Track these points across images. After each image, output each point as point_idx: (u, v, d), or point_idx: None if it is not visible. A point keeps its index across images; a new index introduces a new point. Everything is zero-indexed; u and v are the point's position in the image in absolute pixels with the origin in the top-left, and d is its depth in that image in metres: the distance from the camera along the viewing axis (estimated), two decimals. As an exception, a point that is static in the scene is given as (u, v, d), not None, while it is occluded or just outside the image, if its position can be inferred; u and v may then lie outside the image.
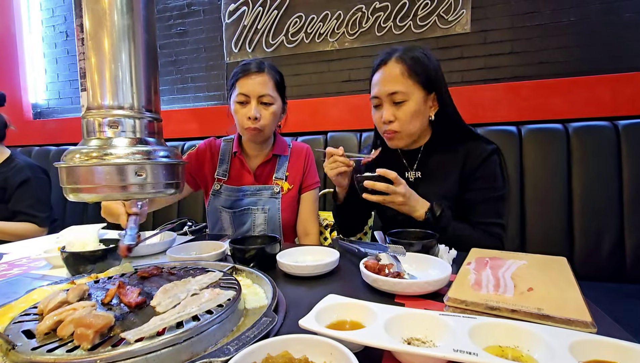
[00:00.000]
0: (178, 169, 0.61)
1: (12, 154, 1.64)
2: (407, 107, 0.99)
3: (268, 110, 1.18)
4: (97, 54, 0.52)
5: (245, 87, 1.16)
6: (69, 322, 0.44)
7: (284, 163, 1.31)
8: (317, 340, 0.40)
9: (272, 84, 1.17)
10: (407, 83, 0.98)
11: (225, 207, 1.28)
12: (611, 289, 1.31)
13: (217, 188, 1.30)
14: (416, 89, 0.99)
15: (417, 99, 0.99)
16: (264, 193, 1.27)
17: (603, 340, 0.40)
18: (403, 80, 0.98)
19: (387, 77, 0.99)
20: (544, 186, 1.49)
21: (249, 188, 1.28)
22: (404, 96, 0.98)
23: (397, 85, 0.98)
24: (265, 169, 1.31)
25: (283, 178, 1.29)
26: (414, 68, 0.98)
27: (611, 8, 1.65)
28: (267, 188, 1.27)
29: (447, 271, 0.64)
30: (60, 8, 2.74)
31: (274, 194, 1.27)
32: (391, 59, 1.00)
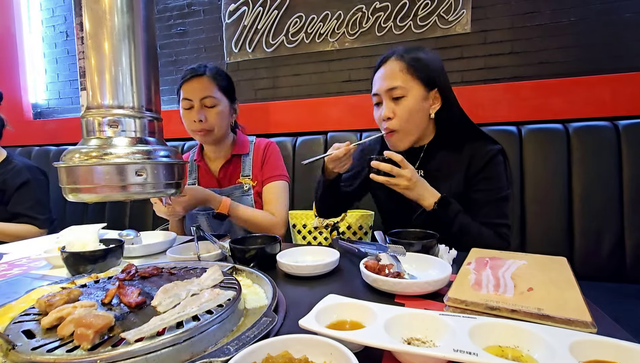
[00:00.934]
0: (178, 169, 0.61)
1: (8, 155, 1.63)
2: (405, 103, 0.99)
3: (212, 111, 1.19)
4: (96, 54, 0.52)
5: (187, 92, 1.19)
6: (69, 321, 0.44)
7: (247, 161, 1.32)
8: (317, 340, 0.40)
9: (214, 86, 1.19)
10: (406, 78, 0.98)
11: (200, 211, 1.28)
12: (611, 289, 1.30)
13: None
14: (415, 84, 0.99)
15: (416, 95, 0.99)
16: (235, 192, 1.28)
17: (603, 340, 0.40)
18: (402, 75, 0.99)
19: (386, 74, 1.00)
20: (544, 186, 1.49)
21: (219, 190, 1.28)
22: (403, 91, 0.98)
23: (395, 80, 0.99)
24: (227, 170, 1.32)
25: (249, 175, 1.30)
26: (413, 64, 0.99)
27: (611, 8, 1.65)
28: (236, 187, 1.29)
29: (447, 271, 0.64)
30: (60, 8, 2.74)
31: (245, 192, 1.28)
32: (391, 58, 1.01)
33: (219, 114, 1.20)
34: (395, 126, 1.00)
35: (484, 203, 0.99)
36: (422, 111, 1.01)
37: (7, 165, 1.59)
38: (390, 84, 0.99)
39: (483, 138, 1.05)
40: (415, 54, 1.00)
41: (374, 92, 1.04)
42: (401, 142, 1.03)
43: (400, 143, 1.03)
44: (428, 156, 1.08)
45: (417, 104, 0.99)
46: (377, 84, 1.03)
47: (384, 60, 1.03)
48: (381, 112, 1.01)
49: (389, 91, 0.99)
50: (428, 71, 1.00)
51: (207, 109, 1.19)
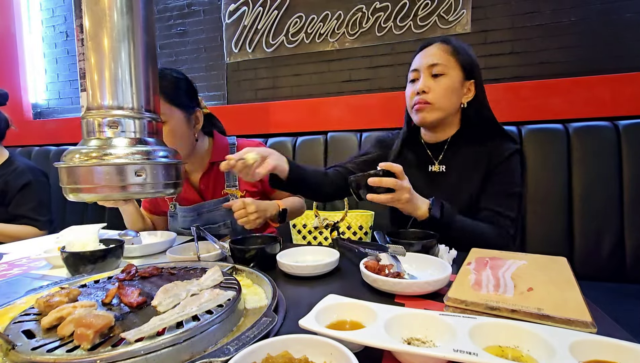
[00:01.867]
0: (177, 169, 0.61)
1: (11, 156, 1.63)
2: (444, 81, 0.99)
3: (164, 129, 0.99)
4: (96, 55, 0.52)
5: None
6: (69, 321, 0.44)
7: None
8: (317, 340, 0.40)
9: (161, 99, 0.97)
10: (449, 59, 0.99)
11: (185, 228, 1.19)
12: (611, 289, 1.30)
13: (172, 209, 1.21)
14: (456, 67, 1.00)
15: (454, 77, 1.00)
16: (220, 207, 1.17)
17: (603, 340, 0.40)
18: (445, 56, 1.00)
19: (430, 53, 1.01)
20: (544, 186, 1.49)
21: (203, 205, 1.18)
22: (444, 68, 0.99)
23: (438, 58, 0.99)
24: (209, 181, 1.18)
25: (235, 184, 1.18)
26: (457, 48, 1.01)
27: (612, 8, 1.65)
28: (222, 200, 1.17)
29: (447, 271, 0.64)
30: (61, 8, 2.74)
31: None
32: (436, 42, 1.03)
33: (169, 133, 1.01)
34: (430, 99, 0.99)
35: (493, 193, 0.98)
36: (456, 94, 1.01)
37: (9, 166, 1.60)
38: (431, 60, 0.99)
39: (504, 135, 1.05)
40: (460, 43, 1.03)
41: (412, 68, 1.04)
42: (430, 115, 1.00)
43: (429, 115, 1.00)
44: (451, 150, 1.06)
45: (454, 85, 0.99)
46: (417, 61, 1.03)
47: (429, 43, 1.04)
48: (416, 86, 1.00)
49: (430, 67, 0.99)
50: (470, 60, 1.02)
51: None
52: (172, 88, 1.02)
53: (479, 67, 1.04)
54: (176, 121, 1.03)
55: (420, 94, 1.00)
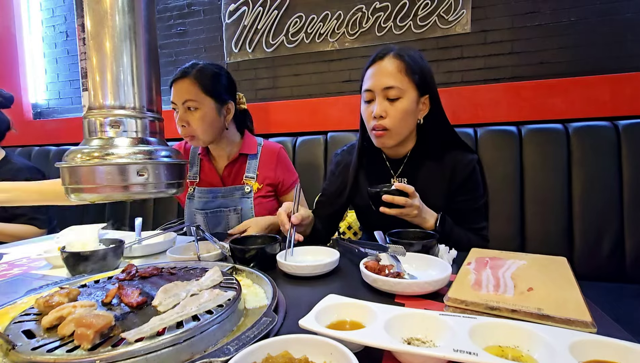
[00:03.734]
0: (180, 169, 0.61)
1: (7, 155, 1.63)
2: (400, 105, 0.96)
3: (194, 115, 1.14)
4: (98, 54, 0.52)
5: (173, 95, 1.16)
6: (69, 320, 0.44)
7: (254, 162, 1.29)
8: (317, 340, 0.41)
9: (197, 87, 1.13)
10: (404, 80, 0.96)
11: (198, 209, 1.28)
12: (611, 289, 1.31)
13: (191, 191, 1.30)
14: (411, 87, 0.97)
15: (410, 98, 0.97)
16: (235, 193, 1.26)
17: (603, 340, 0.40)
18: (400, 76, 0.96)
19: (384, 72, 0.97)
20: (544, 186, 1.49)
21: (219, 189, 1.27)
22: (399, 92, 0.96)
23: (393, 80, 0.95)
24: (232, 169, 1.29)
25: (254, 177, 1.27)
26: (411, 66, 0.97)
27: (611, 8, 1.65)
28: (237, 188, 1.26)
29: (447, 271, 0.64)
30: (61, 8, 2.74)
31: (245, 194, 1.26)
32: (388, 55, 0.98)
33: (201, 118, 1.14)
34: (388, 125, 0.97)
35: (467, 212, 1.02)
36: (413, 115, 1.00)
37: (6, 165, 1.59)
38: (387, 83, 0.95)
39: (462, 146, 1.06)
40: (413, 56, 0.99)
41: (366, 88, 0.99)
42: (389, 141, 1.00)
43: (388, 141, 1.00)
44: (411, 165, 1.07)
45: (410, 106, 0.97)
46: (371, 80, 0.98)
47: (380, 56, 0.99)
48: (373, 110, 0.98)
49: (385, 90, 0.96)
50: (423, 75, 0.99)
51: (189, 112, 1.15)
52: (209, 79, 1.15)
53: (432, 78, 1.02)
54: (207, 108, 1.15)
55: (378, 119, 0.97)
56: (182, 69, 1.16)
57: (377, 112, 0.96)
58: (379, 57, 0.99)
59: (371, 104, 1.00)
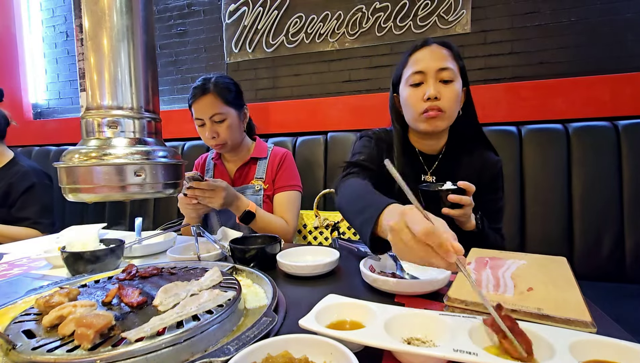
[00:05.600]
0: (177, 170, 0.61)
1: (15, 157, 1.63)
2: (453, 87, 0.93)
3: (222, 126, 1.25)
4: (96, 55, 0.52)
5: (197, 112, 1.25)
6: (69, 320, 0.44)
7: (263, 164, 1.38)
8: (317, 340, 0.40)
9: (219, 101, 1.23)
10: (455, 64, 0.95)
11: None
12: (611, 289, 1.30)
13: None
14: (459, 73, 0.96)
15: (460, 84, 0.96)
16: (245, 191, 1.33)
17: (603, 340, 0.40)
18: (451, 60, 0.95)
19: (435, 55, 0.95)
20: (544, 186, 1.49)
21: None
22: (452, 75, 0.93)
23: (447, 62, 0.93)
24: (243, 172, 1.38)
25: (262, 177, 1.35)
26: (457, 54, 0.97)
27: (611, 8, 1.65)
28: (248, 186, 1.34)
29: (447, 271, 0.64)
30: (61, 8, 2.74)
31: (255, 192, 1.33)
32: (433, 43, 0.97)
33: (229, 127, 1.26)
34: (444, 107, 0.93)
35: (491, 211, 1.00)
36: (460, 101, 0.97)
37: (13, 167, 1.60)
38: (442, 64, 0.93)
39: (490, 147, 1.06)
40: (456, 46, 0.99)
41: (417, 69, 0.95)
42: (442, 123, 0.96)
43: (441, 124, 0.96)
44: (445, 161, 1.04)
45: (459, 92, 0.95)
46: (422, 63, 0.94)
47: (425, 43, 0.97)
48: (428, 91, 0.92)
49: (439, 71, 0.93)
50: (464, 67, 0.99)
51: (217, 124, 1.25)
52: (228, 92, 1.26)
53: None
54: (232, 118, 1.27)
55: (432, 100, 0.93)
56: (199, 86, 1.24)
57: (432, 93, 0.92)
58: (424, 44, 0.98)
59: (420, 87, 0.95)
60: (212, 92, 1.23)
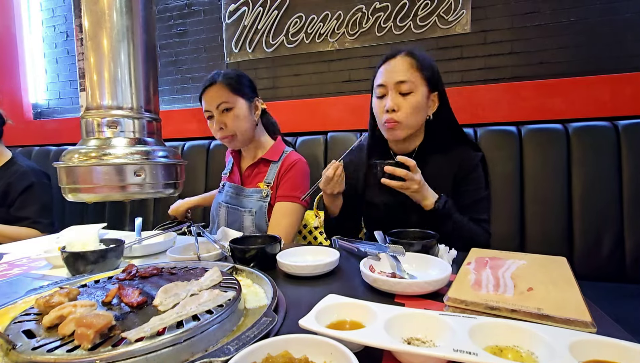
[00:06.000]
0: (177, 169, 0.61)
1: (13, 157, 1.63)
2: (412, 99, 1.00)
3: (229, 116, 1.21)
4: (96, 55, 0.52)
5: (205, 103, 1.22)
6: (70, 320, 0.44)
7: (274, 168, 1.29)
8: (317, 340, 0.40)
9: (227, 90, 1.20)
10: (415, 76, 1.01)
11: (223, 201, 1.32)
12: (611, 289, 1.30)
13: (222, 185, 1.39)
14: (422, 83, 1.01)
15: (421, 93, 1.01)
16: (253, 195, 1.28)
17: (603, 340, 0.40)
18: (412, 72, 1.00)
19: (396, 68, 1.02)
20: (544, 186, 1.49)
21: (242, 188, 1.31)
22: (411, 87, 1.00)
23: (405, 75, 1.00)
24: (252, 171, 1.32)
25: (271, 182, 1.27)
26: (422, 63, 1.02)
27: (611, 8, 1.65)
28: (257, 191, 1.28)
29: (447, 271, 0.64)
30: (61, 8, 2.74)
31: (261, 198, 1.26)
32: (400, 54, 1.03)
33: (236, 117, 1.21)
34: (400, 118, 1.01)
35: (470, 203, 1.04)
36: (423, 109, 1.04)
37: (12, 166, 1.60)
38: (399, 78, 1.00)
39: (468, 143, 1.09)
40: (423, 55, 1.04)
41: (379, 83, 1.04)
42: (401, 133, 1.04)
43: (399, 133, 1.04)
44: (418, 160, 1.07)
45: (421, 102, 1.02)
46: (384, 76, 1.03)
47: (393, 55, 1.04)
48: (386, 104, 1.01)
49: (397, 84, 1.00)
50: (433, 73, 1.03)
51: (224, 114, 1.21)
52: (236, 81, 1.22)
53: (441, 77, 1.07)
54: (240, 107, 1.22)
55: (390, 112, 1.01)
56: (209, 78, 1.23)
57: (389, 105, 1.00)
58: (391, 56, 1.04)
59: (383, 99, 1.04)
60: (220, 82, 1.20)
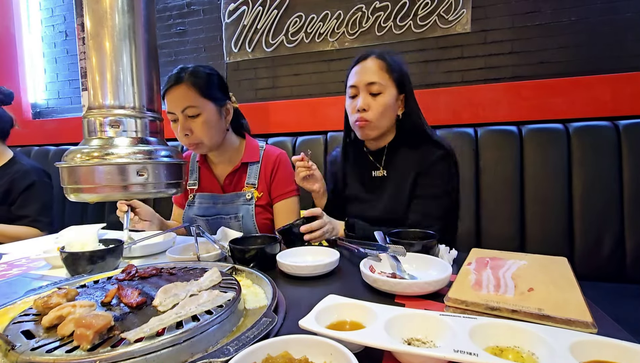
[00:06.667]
0: (180, 169, 0.61)
1: (15, 156, 1.64)
2: (381, 99, 1.05)
3: (197, 121, 1.09)
4: (98, 54, 0.52)
5: (169, 105, 1.10)
6: (69, 320, 0.44)
7: (255, 168, 1.24)
8: (317, 341, 0.40)
9: (194, 92, 1.07)
10: (385, 77, 1.05)
11: (199, 215, 1.23)
12: (611, 289, 1.30)
13: (191, 199, 1.27)
14: (391, 84, 1.06)
15: (391, 94, 1.06)
16: (236, 200, 1.22)
17: (603, 340, 0.40)
18: (381, 73, 1.05)
19: (367, 69, 1.06)
20: (544, 186, 1.48)
21: (220, 196, 1.24)
22: (381, 88, 1.05)
23: (375, 77, 1.05)
24: (234, 178, 1.25)
25: (255, 183, 1.22)
26: (392, 66, 1.07)
27: (611, 8, 1.65)
28: (239, 195, 1.22)
29: (447, 272, 0.64)
30: (60, 8, 2.73)
31: (246, 201, 1.21)
32: (371, 56, 1.08)
33: (204, 123, 1.09)
34: (370, 118, 1.05)
35: (421, 197, 1.07)
36: (392, 109, 1.09)
37: (13, 166, 1.60)
38: (369, 79, 1.05)
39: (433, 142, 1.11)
40: (393, 58, 1.09)
41: (351, 84, 1.09)
42: (372, 131, 1.09)
43: (371, 132, 1.09)
44: (390, 155, 1.15)
45: (390, 101, 1.06)
46: (355, 77, 1.08)
47: (364, 57, 1.09)
48: (357, 104, 1.06)
49: (368, 85, 1.05)
50: (402, 75, 1.08)
51: (191, 120, 1.09)
52: (205, 83, 1.10)
53: (409, 79, 1.11)
54: (209, 112, 1.11)
55: (361, 112, 1.06)
56: (173, 75, 1.10)
57: (360, 105, 1.06)
58: (363, 58, 1.09)
59: (355, 99, 1.09)
60: (186, 82, 1.07)
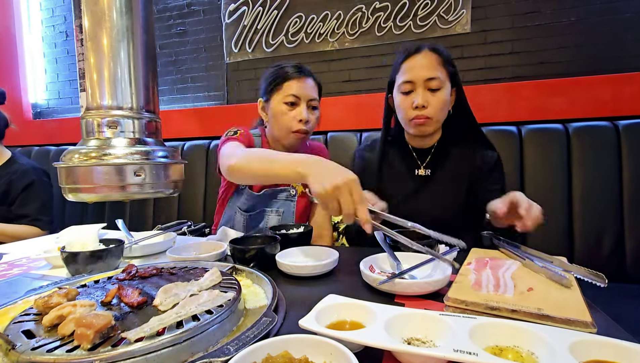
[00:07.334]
0: (177, 169, 0.61)
1: (13, 156, 1.64)
2: (440, 95, 1.00)
3: (314, 114, 1.19)
4: (96, 55, 0.52)
5: (296, 89, 1.15)
6: (69, 320, 0.44)
7: None
8: (317, 340, 0.40)
9: (317, 89, 1.21)
10: (443, 72, 1.01)
11: (241, 209, 1.24)
12: (611, 289, 1.30)
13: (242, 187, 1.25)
14: (447, 78, 1.02)
15: (447, 89, 1.02)
16: (279, 195, 1.24)
17: (603, 340, 0.40)
18: (440, 68, 1.00)
19: (424, 64, 1.01)
20: (544, 186, 1.48)
21: (266, 190, 1.24)
22: (440, 83, 1.00)
23: (434, 71, 0.99)
24: None
25: None
26: (446, 58, 1.02)
27: (611, 8, 1.65)
28: (284, 190, 1.23)
29: (447, 271, 0.64)
30: (60, 8, 2.74)
31: (289, 197, 1.24)
32: (424, 49, 1.02)
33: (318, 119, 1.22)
34: (430, 114, 1.01)
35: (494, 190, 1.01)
36: (448, 105, 1.05)
37: (12, 165, 1.60)
38: (429, 74, 0.99)
39: (484, 142, 1.09)
40: (445, 50, 1.04)
41: (406, 79, 1.02)
42: (430, 128, 1.04)
43: (429, 129, 1.04)
44: (437, 155, 1.10)
45: (448, 97, 1.02)
46: (411, 72, 1.01)
47: (416, 50, 1.03)
48: (415, 101, 1.00)
49: (427, 81, 1.00)
50: (454, 68, 1.04)
51: (310, 111, 1.18)
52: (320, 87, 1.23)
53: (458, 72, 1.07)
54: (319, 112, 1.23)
55: (420, 108, 1.00)
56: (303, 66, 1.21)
57: (420, 102, 0.99)
58: (415, 51, 1.03)
59: (410, 95, 1.03)
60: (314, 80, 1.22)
